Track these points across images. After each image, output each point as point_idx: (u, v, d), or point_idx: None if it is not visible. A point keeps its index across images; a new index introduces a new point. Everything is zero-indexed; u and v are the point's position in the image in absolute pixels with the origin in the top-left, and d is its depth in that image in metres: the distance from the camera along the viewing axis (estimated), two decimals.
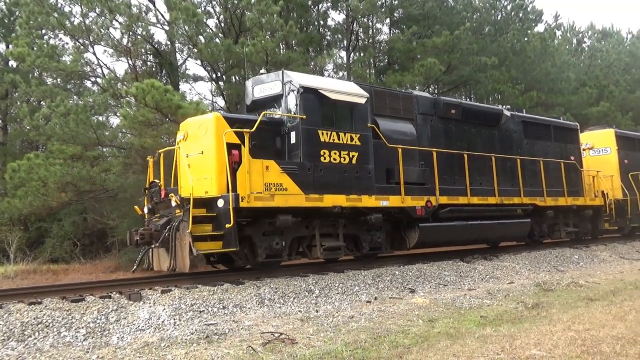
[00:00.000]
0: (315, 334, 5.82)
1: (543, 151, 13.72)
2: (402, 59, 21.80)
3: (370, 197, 9.46)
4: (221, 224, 7.81)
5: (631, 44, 37.93)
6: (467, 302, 7.55)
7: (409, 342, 5.28)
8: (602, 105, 27.90)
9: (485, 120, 12.43)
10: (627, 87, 31.61)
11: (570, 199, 13.87)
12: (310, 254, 9.35)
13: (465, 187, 11.30)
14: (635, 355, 4.19)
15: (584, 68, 32.41)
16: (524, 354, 4.47)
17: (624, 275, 10.24)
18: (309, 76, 10.30)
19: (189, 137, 8.67)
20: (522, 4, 29.22)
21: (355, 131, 9.43)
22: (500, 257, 11.69)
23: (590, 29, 40.63)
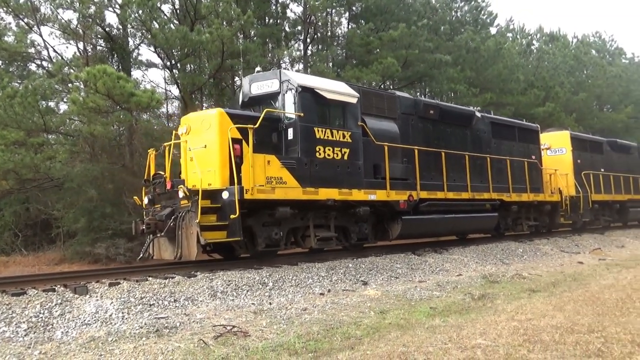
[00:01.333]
0: (268, 326, 5.82)
1: (509, 150, 14.70)
2: (360, 53, 21.94)
3: (359, 191, 10.07)
4: (226, 215, 8.19)
5: (576, 47, 39.75)
6: (418, 294, 7.74)
7: (360, 334, 5.36)
8: (547, 106, 29.16)
9: (459, 120, 13.23)
10: (571, 89, 33.15)
11: (532, 195, 14.94)
12: (304, 243, 9.85)
13: (443, 182, 12.08)
14: (573, 343, 4.42)
15: (532, 69, 33.70)
16: (470, 343, 4.63)
17: (564, 267, 10.76)
18: (306, 76, 10.74)
19: (192, 131, 8.99)
20: (477, 6, 30.08)
21: (347, 129, 10.01)
22: (450, 251, 12.04)
23: (539, 32, 42.32)
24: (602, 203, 18.90)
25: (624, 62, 46.23)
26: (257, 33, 19.88)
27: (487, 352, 4.28)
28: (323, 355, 4.65)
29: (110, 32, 17.65)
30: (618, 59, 45.85)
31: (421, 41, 22.43)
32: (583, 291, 7.33)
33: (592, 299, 6.50)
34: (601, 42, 45.79)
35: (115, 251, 14.19)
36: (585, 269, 10.40)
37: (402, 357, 4.32)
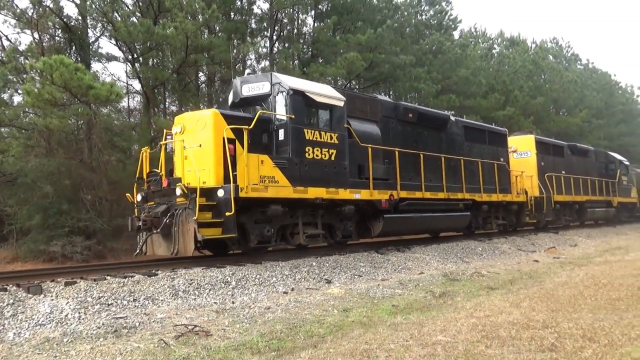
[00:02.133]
0: (231, 325, 5.76)
1: (480, 153, 15.43)
2: (326, 51, 22.00)
3: (345, 190, 10.51)
4: (221, 212, 8.48)
5: (534, 53, 41.07)
6: (380, 292, 7.83)
7: (324, 332, 5.38)
8: (507, 110, 30.05)
9: (435, 124, 13.85)
10: (529, 93, 34.26)
11: (501, 195, 15.85)
12: (293, 240, 10.26)
13: (421, 183, 12.68)
14: (528, 338, 4.57)
15: (493, 73, 34.62)
16: (430, 340, 4.72)
17: (521, 265, 11.11)
18: (297, 79, 11.08)
19: (186, 131, 9.17)
20: (441, 10, 30.64)
21: (334, 131, 10.41)
22: (412, 249, 12.23)
23: (499, 37, 43.52)
24: (563, 203, 19.99)
25: (579, 68, 48.18)
26: (222, 28, 19.62)
27: (447, 349, 4.37)
28: (286, 354, 4.64)
29: (68, 22, 17.04)
30: (574, 64, 47.75)
31: (387, 43, 22.68)
32: (538, 288, 7.58)
33: (547, 296, 6.73)
34: (558, 48, 47.55)
35: (71, 249, 13.76)
36: (540, 267, 10.77)
37: (364, 354, 4.35)
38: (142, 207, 9.31)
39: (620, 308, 5.72)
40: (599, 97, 45.40)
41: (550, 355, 4.03)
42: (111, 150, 18.39)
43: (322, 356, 4.42)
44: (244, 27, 20.88)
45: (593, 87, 46.67)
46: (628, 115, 52.73)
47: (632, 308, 5.68)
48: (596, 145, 32.54)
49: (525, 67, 37.24)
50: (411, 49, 25.37)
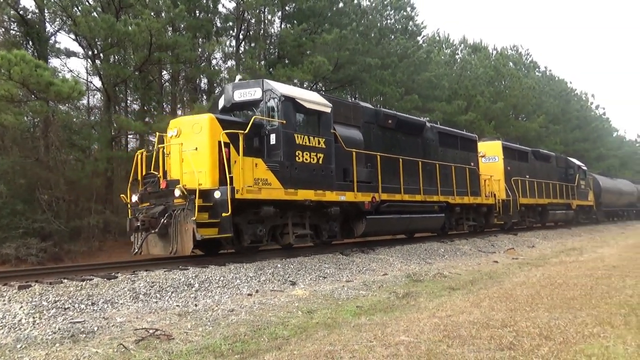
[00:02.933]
0: (194, 328, 5.66)
1: (452, 158, 16.16)
2: (293, 53, 21.99)
3: (332, 193, 10.99)
4: (217, 213, 8.77)
5: (496, 59, 42.24)
6: (345, 293, 7.86)
7: (288, 334, 5.36)
8: (469, 115, 30.79)
9: (412, 129, 14.53)
10: (490, 98, 35.22)
11: (472, 198, 16.68)
12: (282, 240, 10.66)
13: (400, 186, 13.25)
14: (488, 337, 4.68)
15: (456, 78, 35.42)
16: (394, 340, 4.77)
17: (481, 266, 11.38)
18: (287, 86, 11.52)
19: (182, 134, 9.43)
20: (407, 15, 31.12)
21: (322, 136, 10.87)
22: (376, 251, 12.35)
23: (462, 43, 44.54)
24: (527, 206, 21.11)
25: (537, 75, 49.82)
26: (187, 26, 19.31)
27: (409, 349, 4.42)
28: (250, 357, 4.59)
29: (25, 15, 16.41)
30: (532, 71, 49.33)
31: (352, 44, 22.84)
32: (498, 288, 7.78)
33: (506, 296, 6.91)
34: (518, 55, 49.03)
35: (26, 251, 13.24)
36: (500, 267, 11.05)
37: (328, 356, 4.36)
38: (137, 208, 9.53)
39: (574, 307, 5.93)
40: (555, 104, 47.12)
41: (509, 354, 4.14)
42: (69, 148, 17.82)
43: (286, 358, 4.40)
44: (209, 26, 20.64)
45: (550, 94, 48.39)
46: (583, 121, 54.95)
47: (586, 307, 5.90)
48: (553, 149, 33.79)
49: (487, 73, 38.27)
50: (376, 51, 25.67)
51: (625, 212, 39.17)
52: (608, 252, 13.51)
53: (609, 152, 56.73)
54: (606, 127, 67.06)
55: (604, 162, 52.38)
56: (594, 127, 57.92)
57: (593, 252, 14.08)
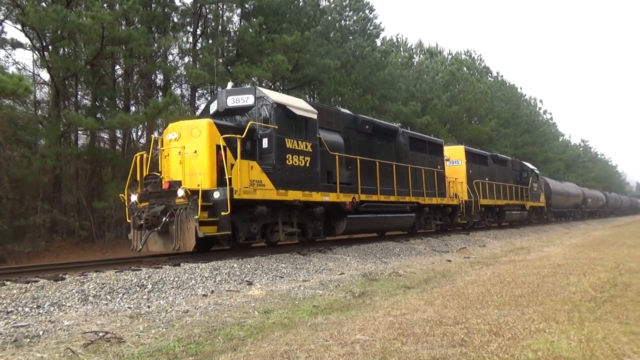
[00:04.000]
0: (146, 330, 5.51)
1: (422, 161, 17.16)
2: (251, 51, 21.80)
3: (317, 194, 11.73)
4: (217, 212, 9.37)
5: (451, 64, 43.35)
6: (302, 293, 7.86)
7: (244, 334, 5.31)
8: (424, 119, 31.46)
9: (387, 134, 15.43)
10: (446, 102, 36.11)
11: (439, 199, 17.80)
12: (272, 237, 11.33)
13: (377, 187, 14.12)
14: (440, 334, 4.80)
15: (412, 81, 36.12)
16: (349, 339, 4.81)
17: (435, 265, 11.65)
18: (279, 94, 12.30)
19: (182, 138, 9.97)
20: (365, 17, 31.45)
21: (309, 140, 11.58)
22: (333, 250, 12.42)
23: (419, 47, 45.43)
24: (487, 207, 22.58)
25: (489, 80, 51.47)
26: (142, 20, 18.79)
27: (365, 347, 4.47)
28: (204, 358, 4.52)
29: None
30: (485, 76, 50.91)
31: (312, 46, 22.88)
32: (450, 287, 7.98)
33: (458, 294, 7.10)
34: (471, 60, 50.48)
35: None
36: (452, 266, 11.35)
37: (284, 356, 4.35)
38: (136, 207, 9.97)
39: (522, 304, 6.16)
40: (506, 108, 48.88)
41: (460, 350, 4.25)
42: (15, 144, 16.98)
43: (241, 359, 4.35)
44: (165, 21, 20.17)
45: (502, 99, 50.13)
46: (531, 125, 57.26)
47: (533, 304, 6.15)
48: (503, 152, 35.05)
49: (443, 78, 39.23)
50: (336, 52, 25.82)
51: (571, 213, 41.94)
52: (554, 251, 14.11)
53: (555, 156, 59.38)
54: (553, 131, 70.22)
55: (550, 165, 54.77)
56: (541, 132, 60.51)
57: (540, 251, 14.67)
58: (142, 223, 9.46)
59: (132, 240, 10.13)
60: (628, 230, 25.78)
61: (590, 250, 13.56)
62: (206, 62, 19.98)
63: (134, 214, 9.95)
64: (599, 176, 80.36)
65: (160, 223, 9.32)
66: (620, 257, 11.16)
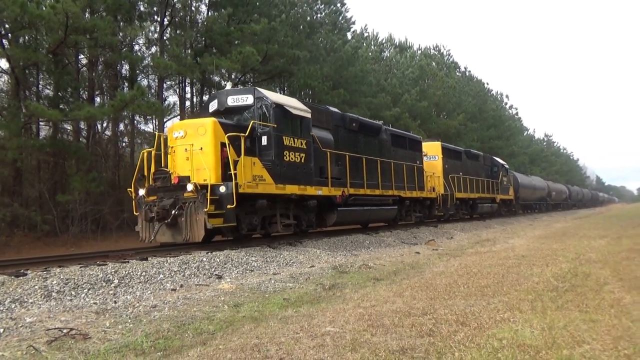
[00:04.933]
0: (113, 326, 5.41)
1: (402, 157, 18.02)
2: (220, 42, 21.49)
3: (311, 188, 12.45)
4: (222, 205, 9.99)
5: (420, 59, 43.82)
6: (272, 286, 7.85)
7: (213, 328, 5.27)
8: (395, 111, 31.72)
9: (371, 132, 16.30)
10: (416, 96, 36.50)
11: (419, 192, 18.90)
12: (270, 229, 11.95)
13: (363, 181, 14.97)
14: (409, 325, 4.87)
15: (383, 75, 36.32)
16: (320, 331, 4.83)
17: (404, 257, 11.80)
18: (276, 94, 13.11)
19: (188, 135, 10.54)
20: (336, 10, 31.41)
21: (304, 138, 12.27)
22: (304, 243, 12.44)
23: (389, 41, 45.72)
24: (461, 199, 23.82)
25: (457, 75, 52.30)
26: (107, 9, 18.25)
27: (335, 339, 4.50)
28: (173, 353, 4.46)
29: None
30: (453, 71, 51.71)
31: (281, 37, 22.70)
32: (419, 278, 8.11)
33: (426, 285, 7.22)
34: (440, 56, 51.18)
35: None
36: (421, 258, 11.53)
37: (255, 349, 4.34)
38: (143, 201, 10.51)
39: (488, 294, 6.32)
40: (474, 103, 49.78)
41: (428, 340, 4.33)
42: None
43: (211, 353, 4.32)
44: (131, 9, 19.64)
45: (469, 93, 51.03)
46: (498, 120, 58.50)
47: (498, 294, 6.31)
48: (470, 146, 35.76)
49: (413, 72, 39.60)
50: (306, 45, 25.71)
51: (537, 205, 44.05)
52: (518, 243, 14.51)
53: (520, 150, 60.95)
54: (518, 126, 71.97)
55: (515, 159, 56.17)
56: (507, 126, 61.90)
57: (505, 242, 15.06)
58: (153, 215, 10.06)
59: (140, 232, 10.67)
60: (588, 222, 26.74)
61: (553, 241, 14.00)
62: (174, 53, 19.59)
63: (142, 207, 10.49)
64: (561, 170, 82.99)
65: (170, 216, 9.92)
66: (581, 248, 11.57)
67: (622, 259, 9.03)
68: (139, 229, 10.67)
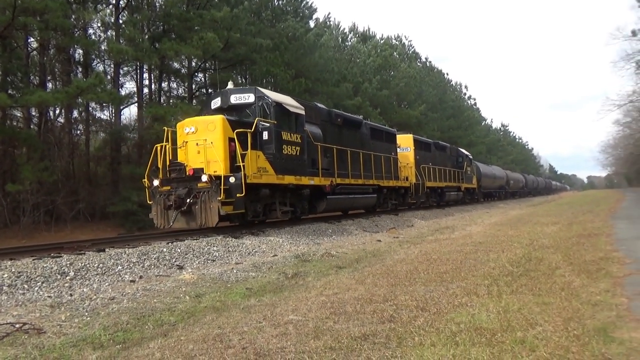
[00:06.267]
0: (69, 320, 5.25)
1: (380, 149, 19.43)
2: (179, 28, 20.95)
3: (305, 178, 13.72)
4: (232, 194, 11.00)
5: (382, 49, 44.07)
6: (234, 276, 7.80)
7: (174, 319, 5.19)
8: (356, 100, 31.85)
9: (354, 126, 17.75)
10: (377, 85, 36.73)
11: (395, 181, 20.46)
12: (270, 215, 13.14)
13: (348, 172, 16.35)
14: (371, 311, 4.95)
15: (345, 64, 36.35)
16: (283, 319, 4.84)
17: (366, 245, 11.95)
18: (276, 93, 14.08)
19: (199, 131, 11.56)
20: None
21: (299, 133, 13.51)
22: (266, 232, 12.39)
23: (352, 30, 45.76)
24: (431, 188, 25.58)
25: (418, 65, 52.97)
26: None
27: (298, 327, 4.52)
28: (133, 346, 4.37)
29: None
30: (414, 62, 52.33)
31: (243, 24, 22.33)
32: (380, 266, 8.23)
33: (387, 272, 7.34)
34: (401, 46, 51.65)
35: None
36: (382, 246, 11.71)
37: (217, 339, 4.30)
38: (157, 191, 11.43)
39: (447, 280, 6.48)
40: (434, 93, 50.64)
41: (389, 326, 4.41)
42: None
43: (172, 345, 4.26)
44: None
45: (430, 84, 51.82)
46: (457, 110, 59.78)
47: (456, 279, 6.48)
48: (431, 136, 36.42)
49: (374, 62, 39.79)
50: (268, 32, 25.39)
51: (497, 193, 46.67)
52: (476, 230, 14.94)
53: (477, 139, 62.52)
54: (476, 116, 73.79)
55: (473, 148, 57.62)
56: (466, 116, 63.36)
57: (463, 230, 15.47)
58: (171, 204, 11.00)
59: (155, 219, 11.51)
60: (541, 209, 27.79)
61: (508, 228, 14.48)
62: (130, 37, 18.97)
63: (156, 197, 11.41)
64: (516, 159, 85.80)
65: (186, 204, 10.84)
66: (534, 234, 12.02)
67: (573, 244, 9.44)
68: (154, 216, 11.53)
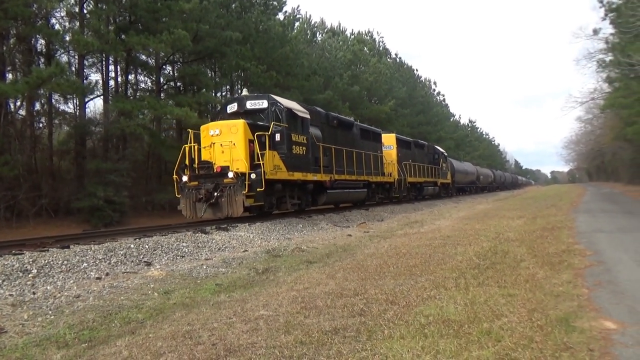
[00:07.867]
0: (32, 319, 5.09)
1: (369, 147, 21.36)
2: (147, 19, 20.48)
3: (310, 174, 15.54)
4: (253, 188, 12.57)
5: (353, 44, 44.18)
6: (204, 272, 7.72)
7: (143, 317, 5.11)
8: (327, 94, 31.86)
9: (347, 127, 19.77)
10: (348, 80, 36.82)
11: (381, 177, 22.53)
12: (280, 207, 15.00)
13: (344, 169, 18.30)
14: (341, 305, 4.98)
15: (315, 58, 36.28)
16: (253, 315, 4.83)
17: (336, 240, 12.00)
18: (286, 100, 15.76)
19: (222, 133, 13.13)
20: None
21: (305, 135, 15.40)
22: (236, 228, 12.30)
23: (322, 25, 45.68)
24: (412, 183, 27.59)
25: (389, 61, 53.33)
26: None
27: (268, 322, 4.52)
28: (99, 344, 4.28)
29: None
30: (385, 57, 52.65)
31: (212, 17, 22.01)
32: (351, 260, 8.28)
33: (358, 267, 7.40)
34: (372, 41, 51.88)
35: None
36: (353, 240, 11.78)
37: (187, 336, 4.26)
38: (185, 186, 12.96)
39: (416, 274, 6.58)
40: (404, 89, 51.09)
41: (360, 319, 4.45)
42: None
43: (140, 342, 4.19)
44: None
45: (400, 80, 52.28)
46: (426, 106, 60.54)
47: (425, 273, 6.59)
48: (401, 131, 36.81)
49: (345, 57, 39.84)
50: (237, 25, 25.11)
51: (469, 187, 48.55)
52: (444, 224, 15.19)
53: (446, 135, 63.53)
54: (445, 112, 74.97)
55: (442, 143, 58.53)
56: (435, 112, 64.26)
57: (432, 224, 15.71)
58: (201, 197, 12.54)
59: (183, 211, 13.02)
60: (507, 203, 28.48)
61: (475, 222, 14.79)
62: (95, 28, 18.45)
63: (185, 191, 12.92)
64: (483, 154, 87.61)
65: (214, 197, 12.43)
66: (501, 227, 12.31)
67: (537, 237, 9.72)
68: (182, 208, 13.03)
